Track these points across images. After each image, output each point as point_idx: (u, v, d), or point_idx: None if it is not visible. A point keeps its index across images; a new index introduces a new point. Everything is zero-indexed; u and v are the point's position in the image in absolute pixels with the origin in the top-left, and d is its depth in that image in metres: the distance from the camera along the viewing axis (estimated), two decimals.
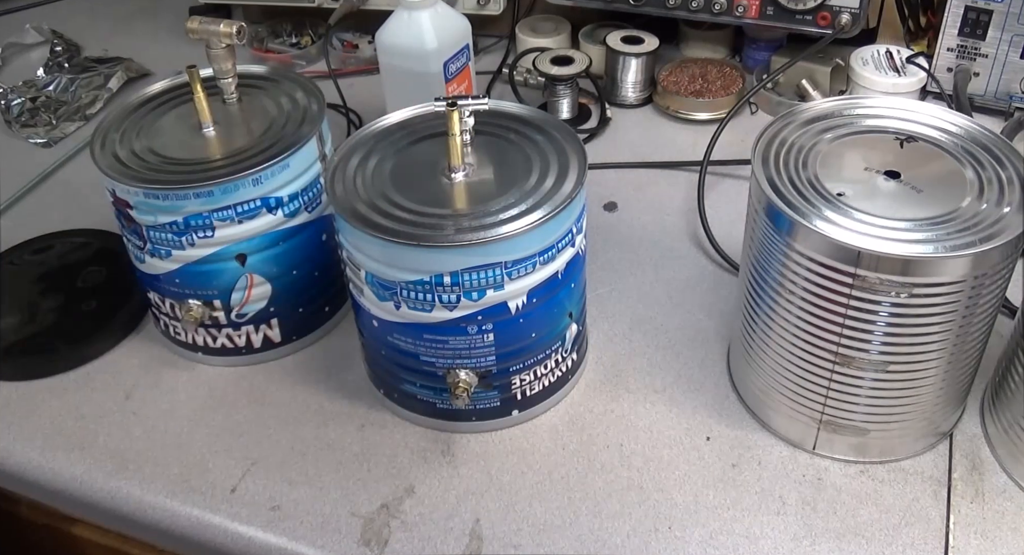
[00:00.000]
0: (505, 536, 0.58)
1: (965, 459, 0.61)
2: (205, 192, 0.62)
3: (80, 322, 0.74)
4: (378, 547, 0.57)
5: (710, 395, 0.66)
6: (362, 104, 0.99)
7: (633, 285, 0.76)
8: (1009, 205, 0.52)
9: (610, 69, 0.99)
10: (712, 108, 0.95)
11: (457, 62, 0.83)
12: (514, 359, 0.61)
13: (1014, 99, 0.90)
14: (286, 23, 1.14)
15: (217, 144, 0.67)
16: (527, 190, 0.58)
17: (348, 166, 0.61)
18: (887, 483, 0.59)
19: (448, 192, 0.59)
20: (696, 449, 0.62)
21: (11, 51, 1.16)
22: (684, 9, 0.95)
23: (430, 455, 0.63)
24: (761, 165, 0.56)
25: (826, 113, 0.61)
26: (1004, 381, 0.59)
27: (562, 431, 0.64)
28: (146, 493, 0.61)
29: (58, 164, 0.95)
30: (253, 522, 0.59)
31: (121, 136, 0.68)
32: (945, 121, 0.59)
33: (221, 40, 0.68)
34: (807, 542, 0.56)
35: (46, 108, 1.01)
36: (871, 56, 0.93)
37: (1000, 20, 0.87)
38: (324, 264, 0.71)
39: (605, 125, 0.96)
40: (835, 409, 0.58)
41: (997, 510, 0.57)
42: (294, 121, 0.68)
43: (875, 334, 0.53)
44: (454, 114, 0.58)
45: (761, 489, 0.60)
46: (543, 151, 0.62)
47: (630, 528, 0.58)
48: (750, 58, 1.02)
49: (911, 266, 0.50)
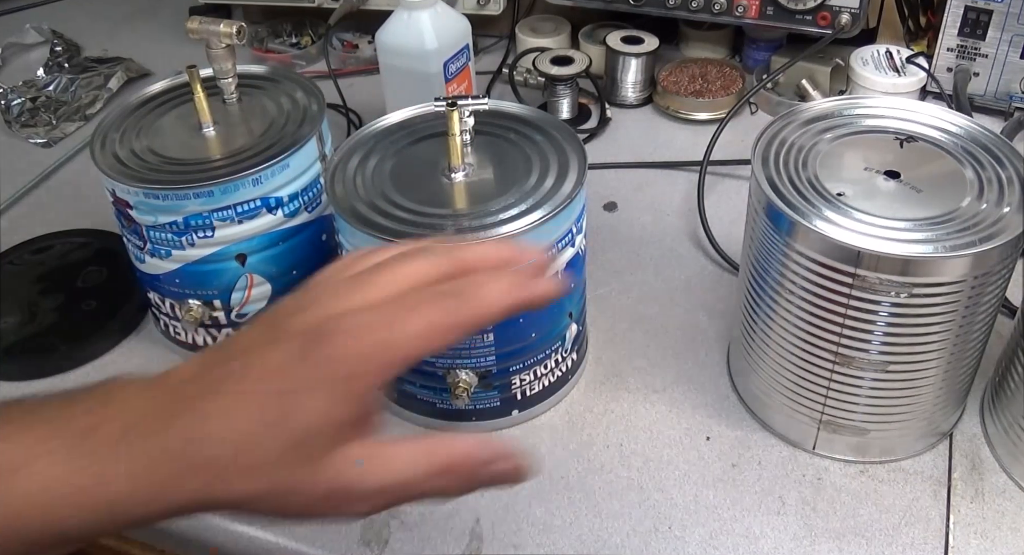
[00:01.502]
0: (505, 536, 0.58)
1: (965, 459, 0.61)
2: (205, 192, 0.62)
3: (80, 322, 0.74)
4: (378, 547, 0.57)
5: (710, 395, 0.66)
6: (362, 104, 0.99)
7: (633, 285, 0.76)
8: (1009, 205, 0.52)
9: (610, 69, 0.99)
10: (712, 108, 0.95)
11: (457, 62, 0.83)
12: (514, 359, 0.61)
13: (1014, 99, 0.90)
14: (286, 23, 1.14)
15: (217, 144, 0.67)
16: (527, 190, 0.58)
17: (348, 166, 0.61)
18: (887, 483, 0.59)
19: (448, 192, 0.59)
20: (696, 449, 0.62)
21: (11, 51, 1.16)
22: (684, 9, 0.95)
23: None
24: (761, 165, 0.56)
25: (826, 113, 0.61)
26: (1004, 381, 0.59)
27: (562, 431, 0.64)
28: None
29: (58, 164, 0.95)
30: (253, 522, 0.59)
31: (121, 136, 0.68)
32: (945, 121, 0.59)
33: (221, 40, 0.68)
34: (807, 542, 0.56)
35: (46, 108, 1.01)
36: (871, 56, 0.93)
37: (1000, 20, 0.87)
38: (324, 264, 0.71)
39: (605, 125, 0.96)
40: (835, 409, 0.58)
41: (997, 510, 0.57)
42: (294, 121, 0.68)
43: (875, 334, 0.53)
44: (454, 114, 0.58)
45: (761, 489, 0.60)
46: (543, 151, 0.62)
47: (630, 528, 0.58)
48: (750, 58, 1.02)
49: (911, 266, 0.50)
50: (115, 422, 0.34)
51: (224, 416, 0.34)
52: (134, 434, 0.34)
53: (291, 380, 0.34)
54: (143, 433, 0.34)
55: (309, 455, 0.34)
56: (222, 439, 0.33)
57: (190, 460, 0.33)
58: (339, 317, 0.35)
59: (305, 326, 0.35)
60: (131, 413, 0.34)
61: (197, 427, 0.33)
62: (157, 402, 0.35)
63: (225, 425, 0.33)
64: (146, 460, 0.33)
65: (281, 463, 0.34)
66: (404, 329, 0.35)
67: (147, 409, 0.34)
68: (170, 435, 0.33)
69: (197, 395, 0.34)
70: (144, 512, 0.34)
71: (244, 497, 0.34)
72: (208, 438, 0.33)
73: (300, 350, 0.34)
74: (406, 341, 0.35)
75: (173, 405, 0.34)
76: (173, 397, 0.35)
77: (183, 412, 0.34)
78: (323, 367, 0.34)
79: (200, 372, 0.35)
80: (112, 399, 0.35)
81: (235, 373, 0.34)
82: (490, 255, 0.39)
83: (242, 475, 0.34)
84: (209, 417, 0.34)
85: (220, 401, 0.34)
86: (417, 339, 0.35)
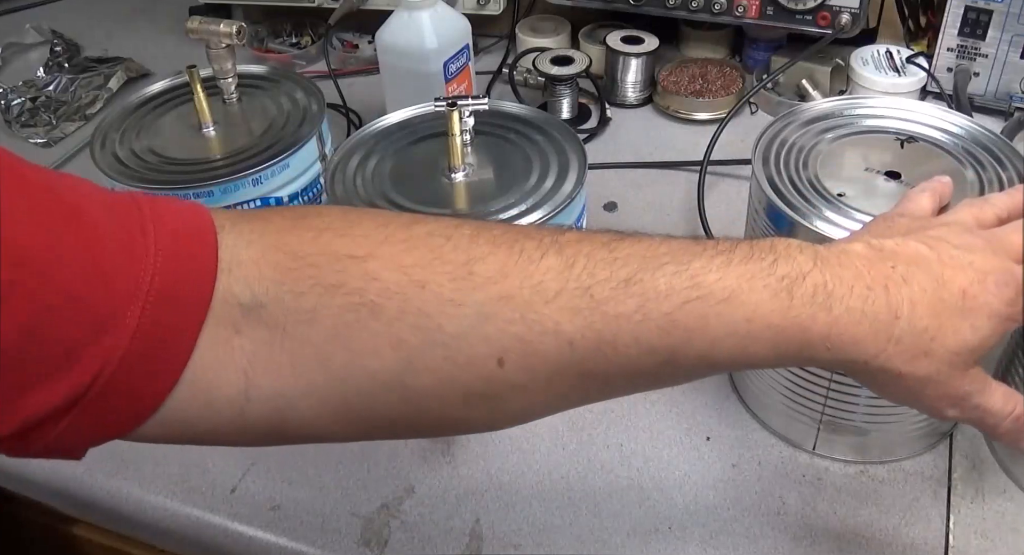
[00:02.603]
0: (505, 536, 0.58)
1: (965, 459, 0.60)
2: (205, 192, 0.62)
3: None
4: (378, 547, 0.57)
5: (710, 395, 0.66)
6: (362, 104, 0.99)
7: None
8: None
9: (610, 69, 0.99)
10: (712, 108, 0.95)
11: (457, 62, 0.83)
12: None
13: (1014, 99, 0.90)
14: (286, 23, 1.14)
15: (217, 144, 0.67)
16: (527, 190, 0.58)
17: (348, 166, 0.61)
18: (887, 483, 0.59)
19: (448, 192, 0.59)
20: (696, 449, 0.62)
21: (11, 51, 1.16)
22: (684, 9, 0.95)
23: (430, 455, 0.63)
24: (761, 165, 0.56)
25: (826, 113, 0.61)
26: (1004, 381, 0.59)
27: (562, 431, 0.64)
28: (146, 493, 0.61)
29: (58, 164, 0.95)
30: (253, 522, 0.59)
31: (121, 136, 0.68)
32: (945, 121, 0.59)
33: (221, 40, 0.68)
34: (807, 542, 0.56)
35: (46, 108, 1.01)
36: (871, 56, 0.93)
37: (1000, 20, 0.87)
38: None
39: (605, 125, 0.96)
40: (835, 409, 0.58)
41: (997, 510, 0.57)
42: (294, 121, 0.68)
43: None
44: (454, 114, 0.58)
45: (761, 489, 0.60)
46: (543, 151, 0.62)
47: (630, 528, 0.58)
48: (750, 58, 1.02)
49: None
50: (815, 276, 0.38)
51: (924, 307, 0.39)
52: (839, 292, 0.38)
53: (977, 304, 0.40)
54: (846, 294, 0.38)
55: (966, 363, 0.40)
56: (923, 327, 0.39)
57: (885, 329, 0.39)
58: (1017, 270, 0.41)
59: (990, 267, 0.41)
60: (828, 273, 0.39)
61: (905, 308, 0.39)
62: (853, 271, 0.39)
63: (925, 315, 0.39)
64: (848, 317, 0.38)
65: (946, 360, 0.40)
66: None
67: (844, 274, 0.39)
68: (879, 305, 0.39)
69: (895, 280, 0.39)
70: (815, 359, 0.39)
71: (900, 372, 0.40)
72: (910, 320, 0.39)
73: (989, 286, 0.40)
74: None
75: (872, 279, 0.39)
76: (868, 271, 0.39)
77: (887, 289, 0.39)
78: (1005, 307, 0.40)
79: (880, 257, 0.40)
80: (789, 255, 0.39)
81: (925, 276, 0.40)
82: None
83: (915, 357, 0.39)
84: (915, 304, 0.39)
85: (920, 295, 0.39)
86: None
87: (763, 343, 0.38)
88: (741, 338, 0.38)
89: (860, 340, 0.39)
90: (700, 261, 0.38)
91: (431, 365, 0.37)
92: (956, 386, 0.41)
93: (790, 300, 0.38)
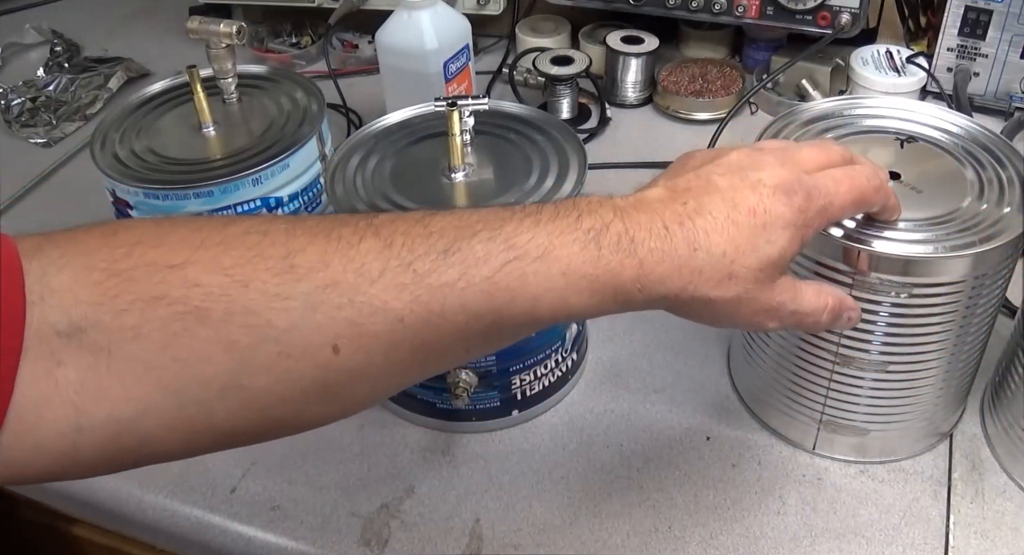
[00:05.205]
0: (505, 536, 0.58)
1: (965, 459, 0.61)
2: (205, 192, 0.62)
3: None
4: (378, 547, 0.57)
5: (710, 395, 0.66)
6: (362, 104, 0.99)
7: None
8: (1009, 205, 0.52)
9: (610, 69, 0.99)
10: (712, 108, 0.95)
11: (457, 62, 0.83)
12: (514, 359, 0.61)
13: (1014, 99, 0.90)
14: (286, 23, 1.14)
15: (217, 144, 0.67)
16: (527, 190, 0.58)
17: (348, 166, 0.61)
18: (887, 483, 0.59)
19: (448, 192, 0.59)
20: (696, 449, 0.62)
21: (11, 51, 1.16)
22: (684, 9, 0.95)
23: (430, 455, 0.63)
24: None
25: (826, 113, 0.61)
26: (1004, 381, 0.59)
27: (562, 431, 0.64)
28: (146, 493, 0.61)
29: (58, 164, 0.95)
30: (253, 522, 0.59)
31: (121, 136, 0.68)
32: (945, 121, 0.59)
33: (221, 40, 0.68)
34: (807, 542, 0.56)
35: (46, 108, 1.01)
36: (871, 56, 0.93)
37: (1000, 20, 0.87)
38: None
39: (605, 125, 0.96)
40: (835, 409, 0.58)
41: (997, 510, 0.57)
42: (294, 121, 0.68)
43: (875, 334, 0.53)
44: (454, 114, 0.58)
45: (761, 489, 0.60)
46: (543, 151, 0.62)
47: (630, 528, 0.58)
48: (750, 58, 1.02)
49: (911, 266, 0.50)
50: (616, 225, 0.41)
51: (718, 234, 0.41)
52: (639, 236, 0.40)
53: (768, 218, 0.42)
54: (646, 237, 0.41)
55: (770, 276, 0.43)
56: (720, 252, 0.41)
57: (687, 263, 0.41)
58: (805, 178, 0.44)
59: (778, 180, 0.43)
60: (628, 221, 0.41)
61: (701, 239, 0.41)
62: (649, 215, 0.41)
63: (721, 241, 0.41)
64: (651, 258, 0.40)
65: (751, 278, 0.42)
66: (839, 191, 0.44)
67: (641, 219, 0.41)
68: (676, 241, 0.41)
69: (688, 215, 0.41)
70: (629, 302, 0.41)
71: (709, 299, 0.42)
72: (707, 249, 0.41)
73: (778, 198, 0.42)
74: (841, 203, 0.44)
75: (667, 219, 0.41)
76: (663, 213, 0.41)
77: (682, 225, 0.41)
78: (797, 214, 0.42)
79: (672, 197, 0.43)
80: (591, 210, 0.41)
81: (717, 204, 0.42)
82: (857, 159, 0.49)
83: (720, 282, 0.41)
84: (709, 233, 0.41)
85: (713, 223, 0.41)
86: (849, 202, 0.45)
87: (581, 293, 0.40)
88: (560, 291, 0.40)
89: (666, 277, 0.41)
90: (511, 224, 0.40)
91: (266, 363, 0.37)
92: (767, 299, 0.43)
93: (599, 250, 0.40)
